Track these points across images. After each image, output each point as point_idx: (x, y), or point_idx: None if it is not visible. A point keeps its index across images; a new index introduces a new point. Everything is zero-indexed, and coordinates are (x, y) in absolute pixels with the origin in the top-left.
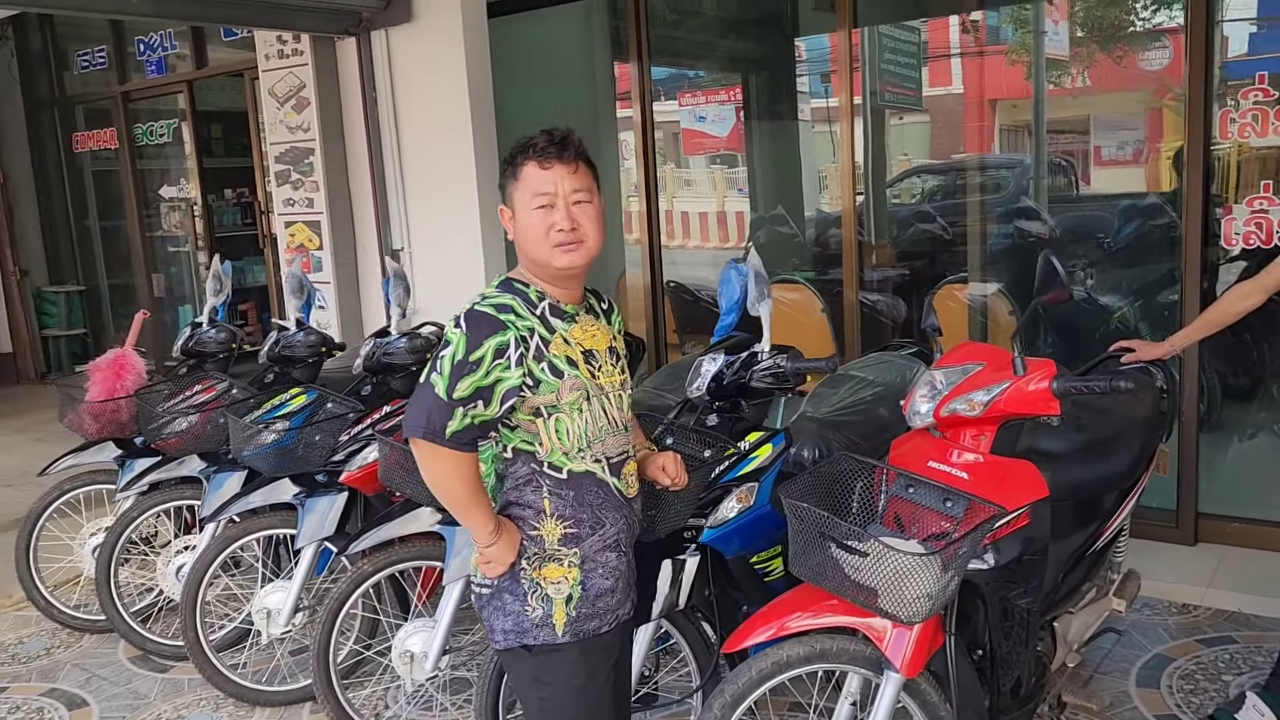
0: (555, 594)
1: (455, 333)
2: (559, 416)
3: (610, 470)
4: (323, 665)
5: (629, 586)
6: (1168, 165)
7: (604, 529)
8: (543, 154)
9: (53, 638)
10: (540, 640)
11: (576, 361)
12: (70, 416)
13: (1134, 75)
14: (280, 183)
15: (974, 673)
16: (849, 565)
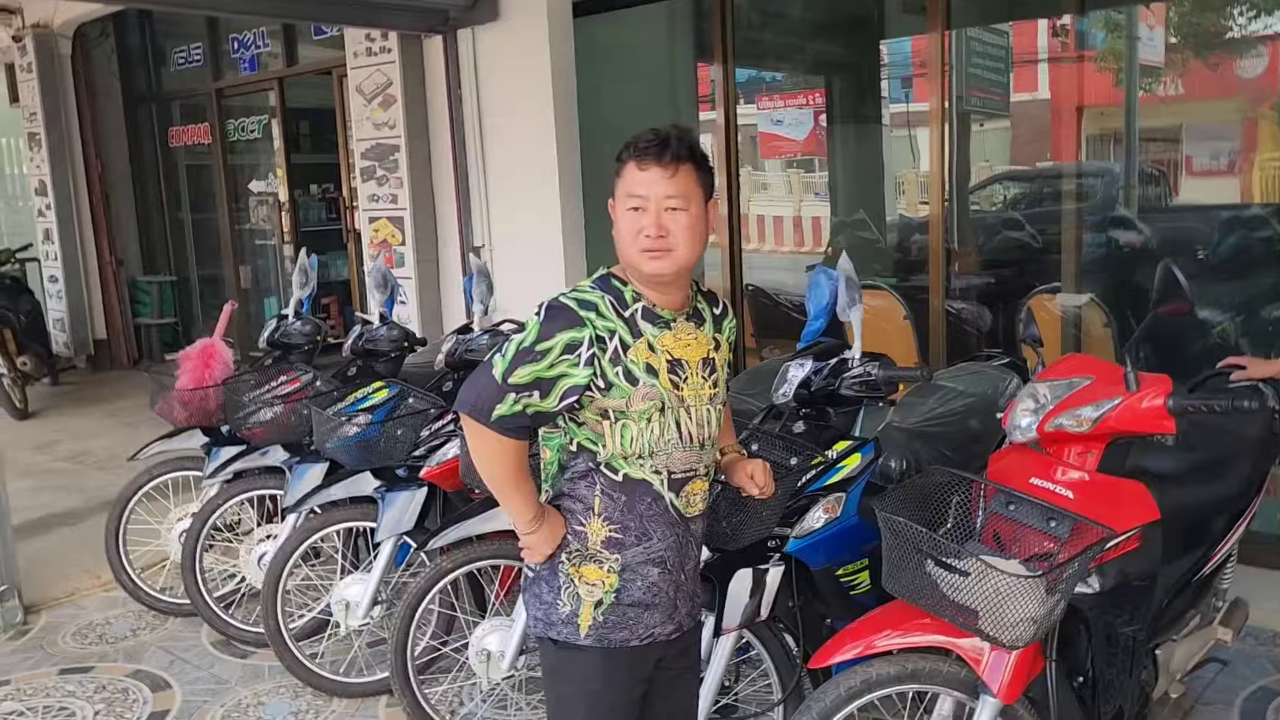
0: (586, 595)
1: (533, 320)
2: (626, 423)
3: (669, 485)
4: (400, 660)
5: (672, 607)
6: (1264, 176)
7: (650, 542)
8: (641, 154)
9: (139, 619)
10: (562, 637)
11: (658, 370)
12: (160, 404)
13: (1229, 83)
14: (365, 179)
15: (1075, 701)
16: (946, 584)
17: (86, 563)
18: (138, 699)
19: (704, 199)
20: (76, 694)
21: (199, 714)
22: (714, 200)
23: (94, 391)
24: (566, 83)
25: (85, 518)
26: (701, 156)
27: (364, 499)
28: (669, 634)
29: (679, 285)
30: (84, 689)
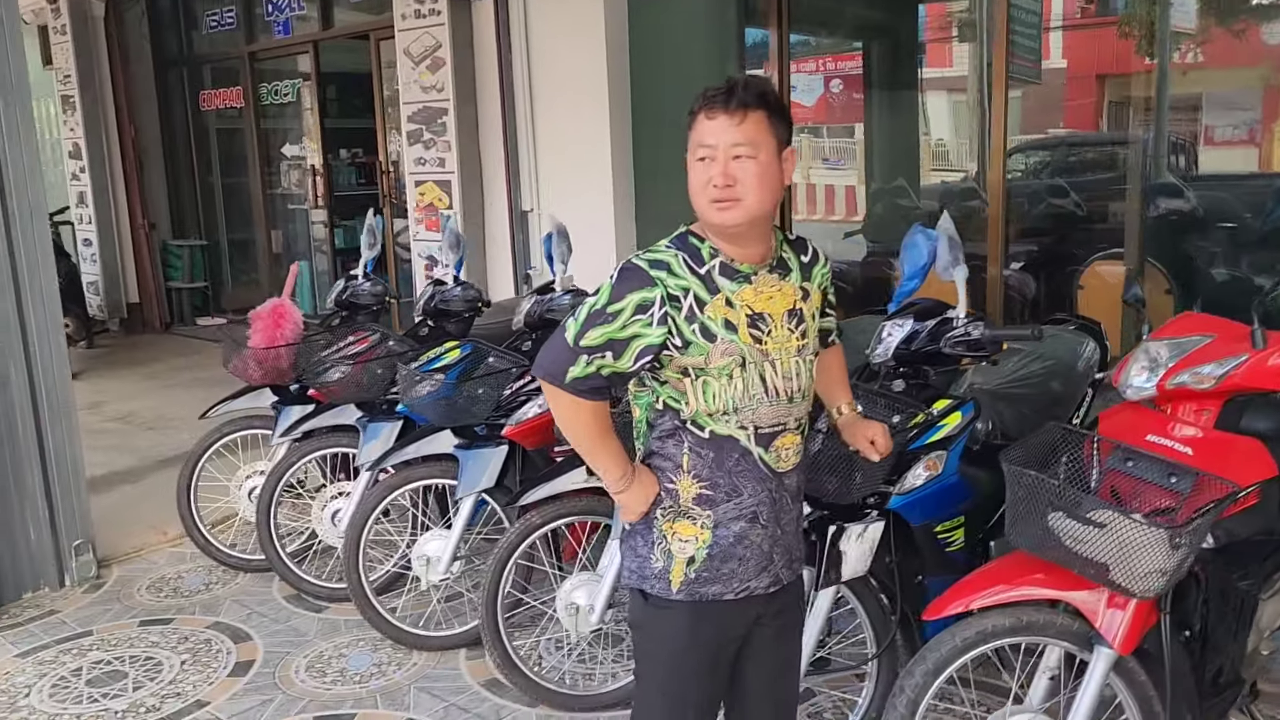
0: (678, 551)
1: (606, 282)
2: (706, 380)
3: (757, 440)
4: (491, 613)
5: (767, 560)
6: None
7: (740, 498)
8: (709, 103)
9: (209, 574)
10: (655, 591)
11: (737, 326)
12: (235, 362)
13: (1255, 50)
14: (412, 142)
15: (1186, 655)
16: (1073, 537)
17: (151, 519)
18: (221, 649)
19: (776, 148)
20: (160, 644)
21: (283, 665)
22: (789, 150)
23: (128, 354)
24: (619, 45)
25: (144, 476)
26: (776, 104)
27: (438, 457)
28: (765, 587)
29: (756, 237)
30: (167, 639)
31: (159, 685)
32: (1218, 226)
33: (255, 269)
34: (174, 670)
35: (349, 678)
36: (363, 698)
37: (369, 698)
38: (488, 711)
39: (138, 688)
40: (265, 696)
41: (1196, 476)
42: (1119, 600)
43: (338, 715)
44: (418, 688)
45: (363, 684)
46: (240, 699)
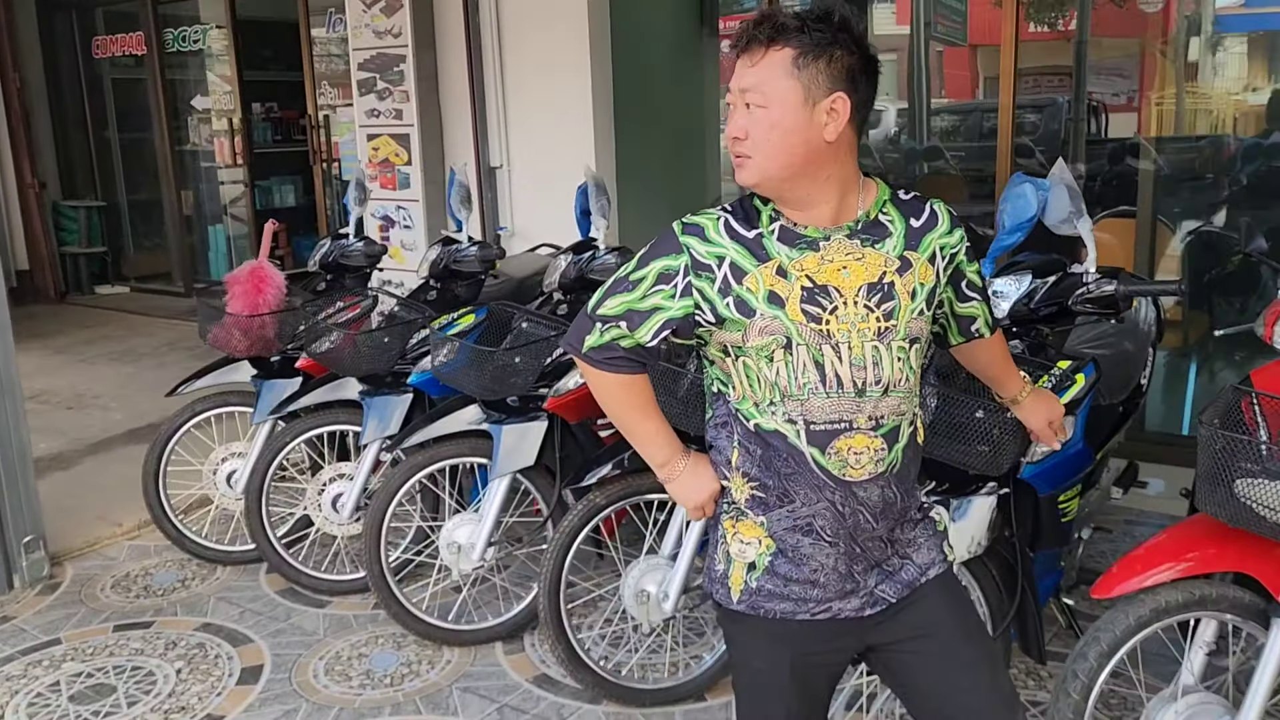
0: (737, 555)
1: (646, 248)
2: (745, 360)
3: (809, 438)
4: (553, 604)
5: (847, 581)
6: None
7: (793, 505)
8: (736, 40)
9: (182, 569)
10: (718, 597)
11: (785, 299)
12: (215, 332)
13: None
14: (363, 92)
15: None
16: (1266, 505)
17: (98, 509)
18: (220, 655)
19: (803, 94)
20: (146, 652)
21: (297, 669)
22: (835, 95)
23: (25, 326)
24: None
25: (75, 461)
26: (818, 38)
27: (466, 433)
28: (857, 610)
29: (814, 196)
30: (152, 646)
31: (157, 699)
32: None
33: (161, 233)
34: (170, 681)
35: (378, 680)
36: (400, 703)
37: (408, 702)
38: (547, 711)
39: (133, 703)
40: (287, 706)
41: None
42: None
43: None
44: (460, 688)
45: (395, 687)
46: (259, 711)
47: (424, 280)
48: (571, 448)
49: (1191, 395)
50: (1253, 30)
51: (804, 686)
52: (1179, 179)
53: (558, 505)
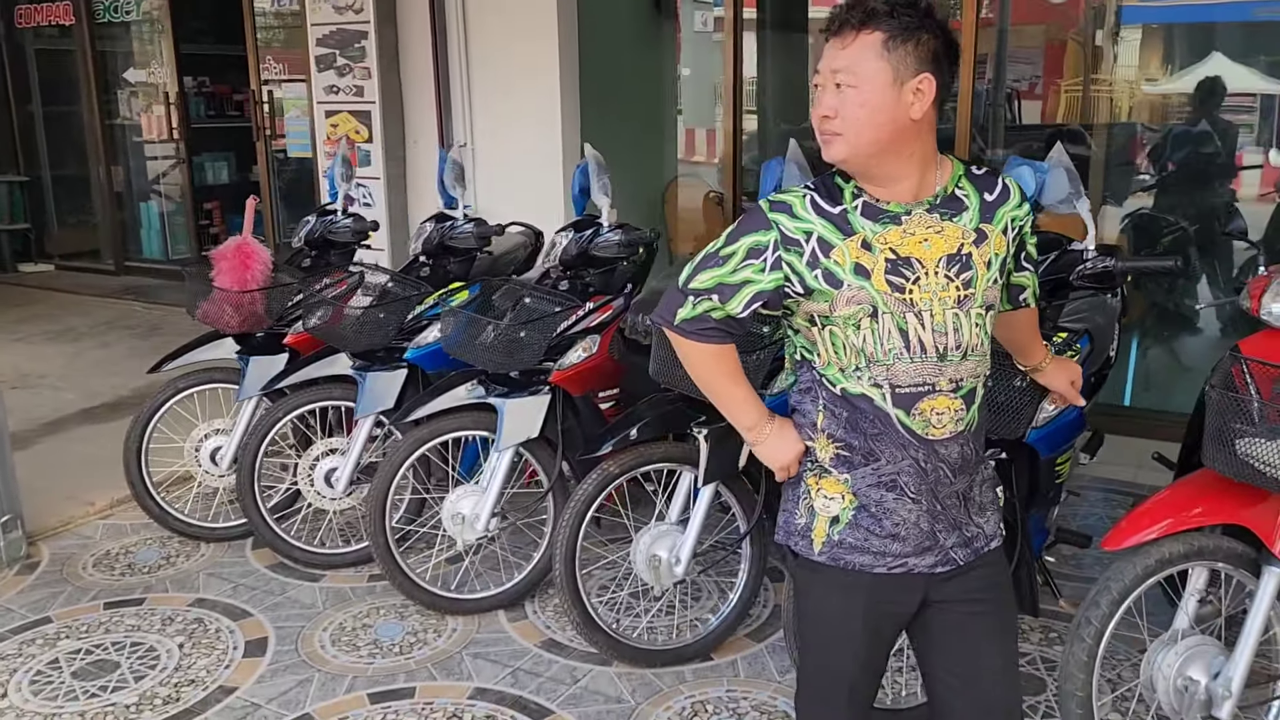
0: (822, 509)
1: (732, 228)
2: (833, 329)
3: (895, 400)
4: (569, 570)
5: (927, 538)
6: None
7: (878, 463)
8: (831, 25)
9: (163, 546)
10: (799, 549)
11: (871, 270)
12: (205, 308)
13: (1040, 9)
14: (322, 68)
15: None
16: (1264, 462)
17: (67, 488)
18: (220, 629)
19: (891, 75)
20: (142, 628)
21: (303, 640)
22: (923, 76)
23: None
24: None
25: (33, 441)
26: (905, 23)
27: (467, 406)
28: (930, 567)
29: (897, 173)
30: (148, 622)
31: (164, 674)
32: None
33: (87, 209)
34: (174, 656)
35: (386, 649)
36: (413, 670)
37: (420, 669)
38: (560, 673)
39: (139, 678)
40: (300, 676)
41: None
42: None
43: (394, 691)
44: (470, 654)
45: (406, 655)
46: (272, 682)
47: (415, 256)
48: (572, 421)
49: (1132, 369)
50: (1165, 21)
51: (873, 636)
52: (1114, 164)
53: (558, 477)
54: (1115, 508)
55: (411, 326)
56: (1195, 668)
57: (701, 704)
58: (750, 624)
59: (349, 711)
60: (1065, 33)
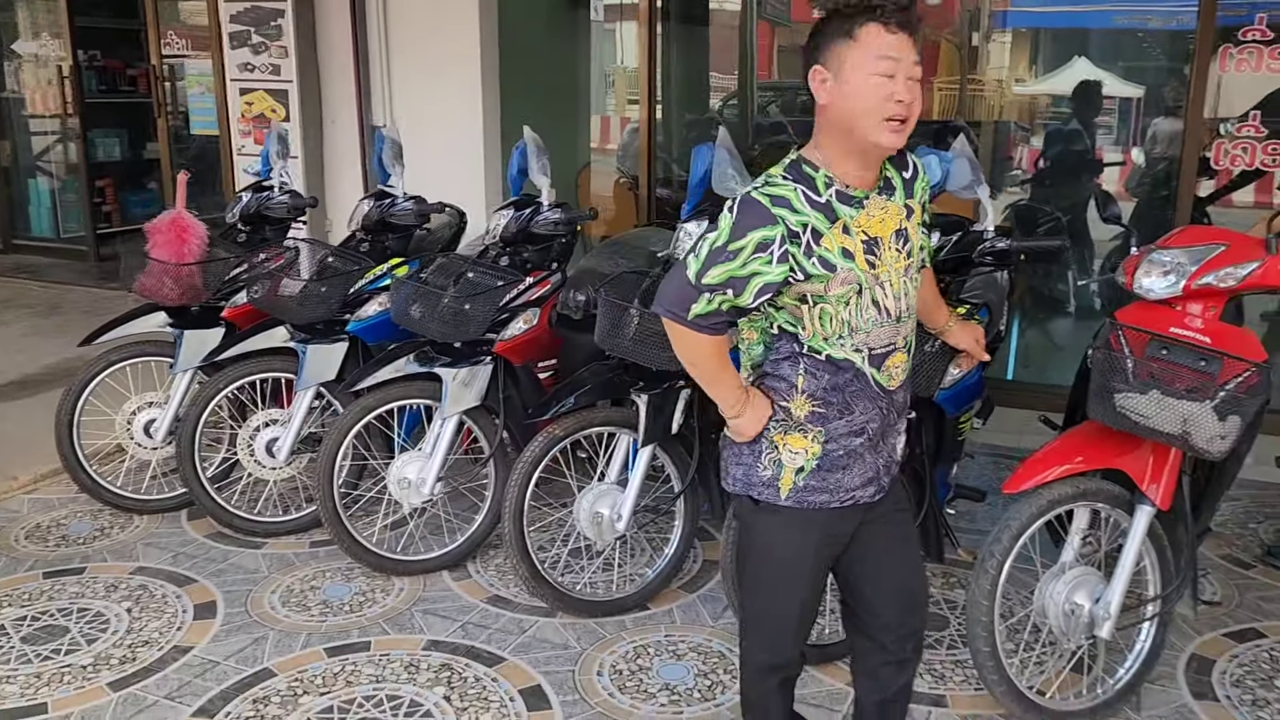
0: (788, 461)
1: (726, 216)
2: (824, 306)
3: (870, 361)
4: (518, 527)
5: (875, 472)
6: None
7: (852, 415)
8: (891, 16)
9: (95, 519)
10: (763, 497)
11: (854, 253)
12: (144, 280)
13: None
14: (236, 45)
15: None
16: (1137, 413)
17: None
18: (166, 594)
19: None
20: (86, 595)
21: (252, 602)
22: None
23: None
24: None
25: None
26: (921, 29)
27: (413, 376)
28: (870, 496)
29: (880, 161)
30: (90, 590)
31: (116, 636)
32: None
33: None
34: (124, 620)
35: (337, 608)
36: (366, 626)
37: (373, 625)
38: (508, 625)
39: (91, 640)
40: (254, 635)
41: (1224, 360)
42: (1159, 466)
43: (351, 644)
44: (420, 610)
45: (357, 613)
46: (226, 640)
47: (352, 233)
48: (512, 389)
49: (1014, 347)
50: (1034, 26)
51: (819, 570)
52: (992, 159)
53: (499, 443)
54: (1001, 469)
55: (353, 300)
56: (1080, 594)
57: (643, 647)
58: (682, 577)
59: (308, 665)
60: (939, 33)
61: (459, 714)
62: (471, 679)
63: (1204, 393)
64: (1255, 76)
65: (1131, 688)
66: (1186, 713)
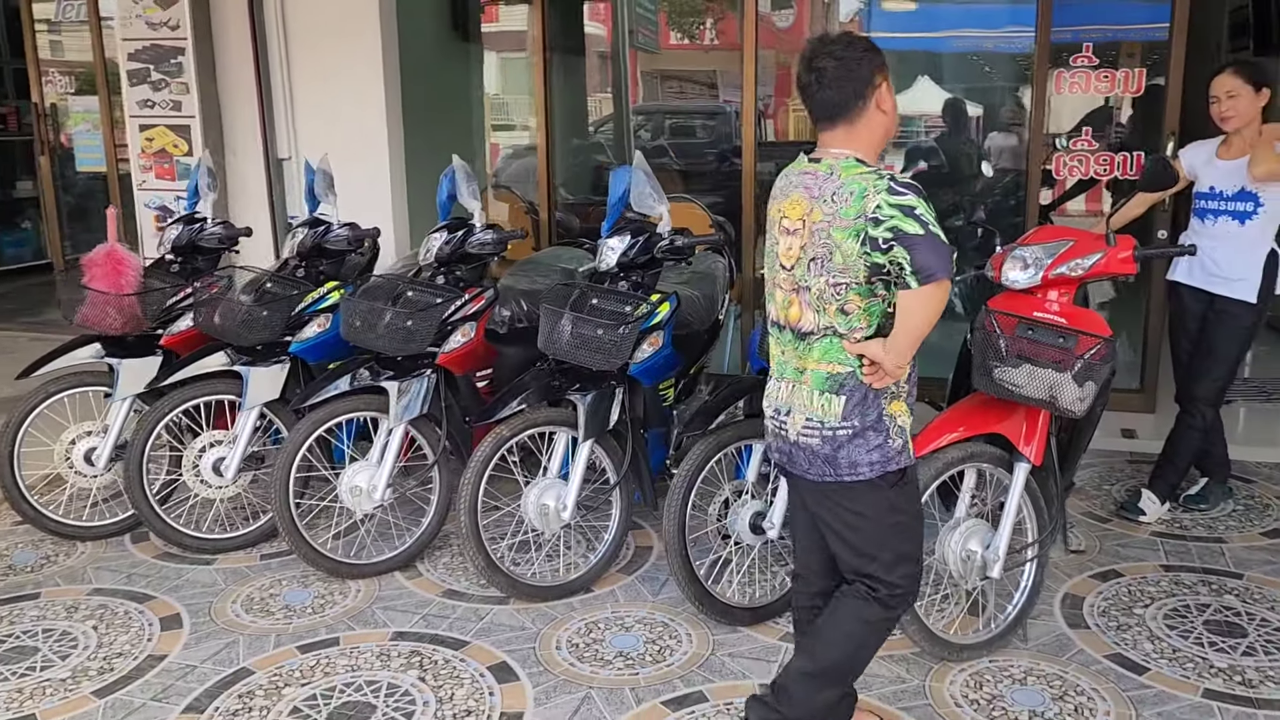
0: (906, 425)
1: (916, 197)
2: None
3: None
4: (472, 521)
5: None
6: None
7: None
8: None
9: (37, 548)
10: (902, 464)
11: None
12: (86, 312)
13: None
14: (135, 82)
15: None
16: (1013, 383)
17: None
18: (129, 611)
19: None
20: (48, 617)
21: (215, 612)
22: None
23: None
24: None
25: None
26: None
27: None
28: None
29: None
30: (51, 612)
31: (88, 652)
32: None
33: None
34: (92, 637)
35: (300, 611)
36: (332, 624)
37: (338, 623)
38: (465, 614)
39: (64, 657)
40: (225, 640)
41: (1078, 337)
42: (1031, 428)
43: (321, 641)
44: (380, 608)
45: (319, 614)
46: (199, 647)
47: (286, 259)
48: (452, 399)
49: None
50: (885, 49)
51: None
52: None
53: (443, 450)
54: None
55: (292, 322)
56: (973, 542)
57: (593, 624)
58: (619, 563)
59: (283, 662)
60: (791, 57)
61: (435, 691)
62: (441, 661)
63: (1065, 364)
64: (1082, 97)
65: (1019, 621)
66: (1065, 640)
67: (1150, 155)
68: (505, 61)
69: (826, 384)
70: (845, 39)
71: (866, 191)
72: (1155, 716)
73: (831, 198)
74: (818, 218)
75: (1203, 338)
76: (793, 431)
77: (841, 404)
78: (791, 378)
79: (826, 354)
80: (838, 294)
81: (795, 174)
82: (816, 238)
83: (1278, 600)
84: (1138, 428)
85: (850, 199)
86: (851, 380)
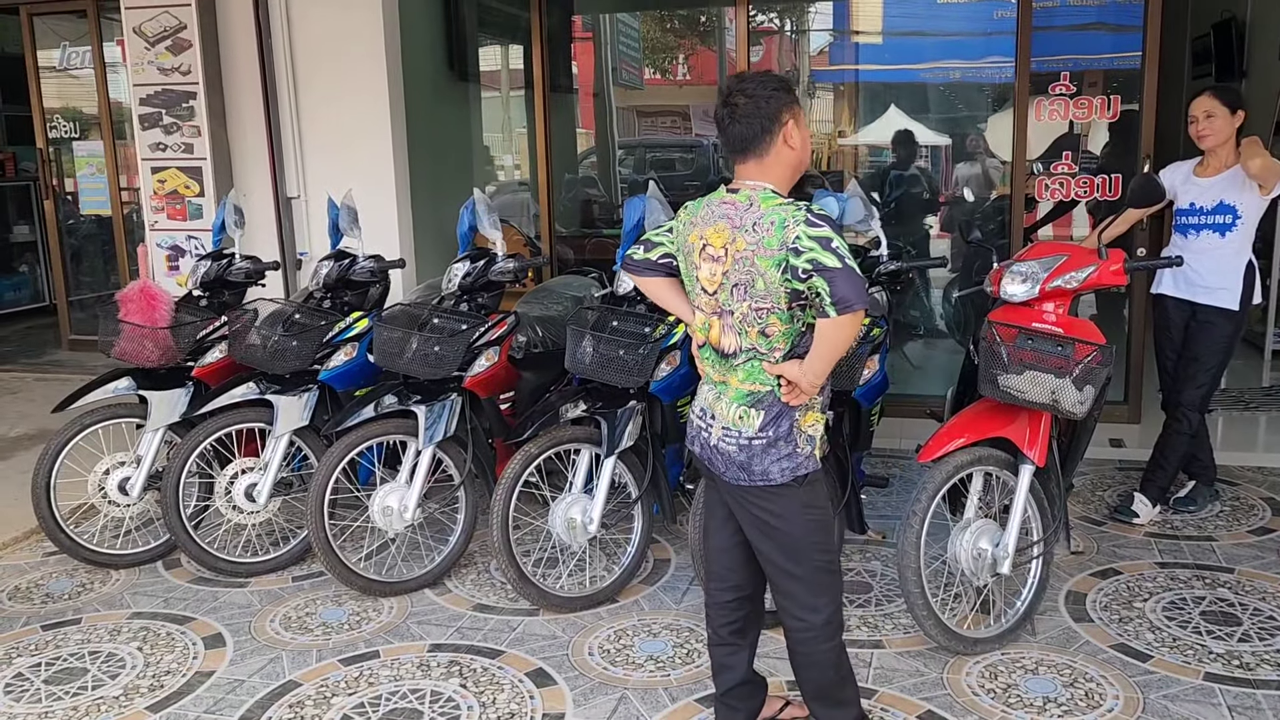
0: (814, 434)
1: (831, 229)
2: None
3: None
4: (504, 536)
5: None
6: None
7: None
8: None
9: (73, 576)
10: (810, 470)
11: None
12: (123, 345)
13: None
14: (147, 126)
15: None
16: (1018, 389)
17: None
18: (171, 632)
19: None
20: (92, 641)
21: (256, 630)
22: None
23: None
24: (394, 22)
25: None
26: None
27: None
28: None
29: None
30: (95, 636)
31: (136, 670)
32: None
33: None
34: (138, 657)
35: (337, 628)
36: (370, 639)
37: (376, 638)
38: (498, 625)
39: (114, 676)
40: (269, 656)
41: (1075, 344)
42: (1034, 432)
43: (361, 655)
44: (415, 622)
45: (356, 630)
46: (244, 663)
47: (311, 291)
48: (477, 422)
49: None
50: (850, 81)
51: None
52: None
53: (469, 470)
54: (889, 466)
55: (322, 353)
56: (983, 541)
57: (622, 631)
58: (641, 574)
59: (328, 674)
60: None
61: (478, 696)
62: (480, 669)
63: (1065, 370)
64: (1049, 125)
65: (1027, 616)
66: (1071, 633)
67: (1137, 174)
68: (498, 100)
69: (747, 399)
70: (759, 77)
71: (786, 222)
72: (1161, 699)
73: (753, 227)
74: (741, 246)
75: (1187, 346)
76: (713, 437)
77: (759, 418)
78: (716, 389)
79: (750, 375)
80: (760, 318)
81: (715, 204)
82: (740, 265)
83: (1268, 591)
84: (1124, 437)
85: (772, 229)
86: (770, 397)
